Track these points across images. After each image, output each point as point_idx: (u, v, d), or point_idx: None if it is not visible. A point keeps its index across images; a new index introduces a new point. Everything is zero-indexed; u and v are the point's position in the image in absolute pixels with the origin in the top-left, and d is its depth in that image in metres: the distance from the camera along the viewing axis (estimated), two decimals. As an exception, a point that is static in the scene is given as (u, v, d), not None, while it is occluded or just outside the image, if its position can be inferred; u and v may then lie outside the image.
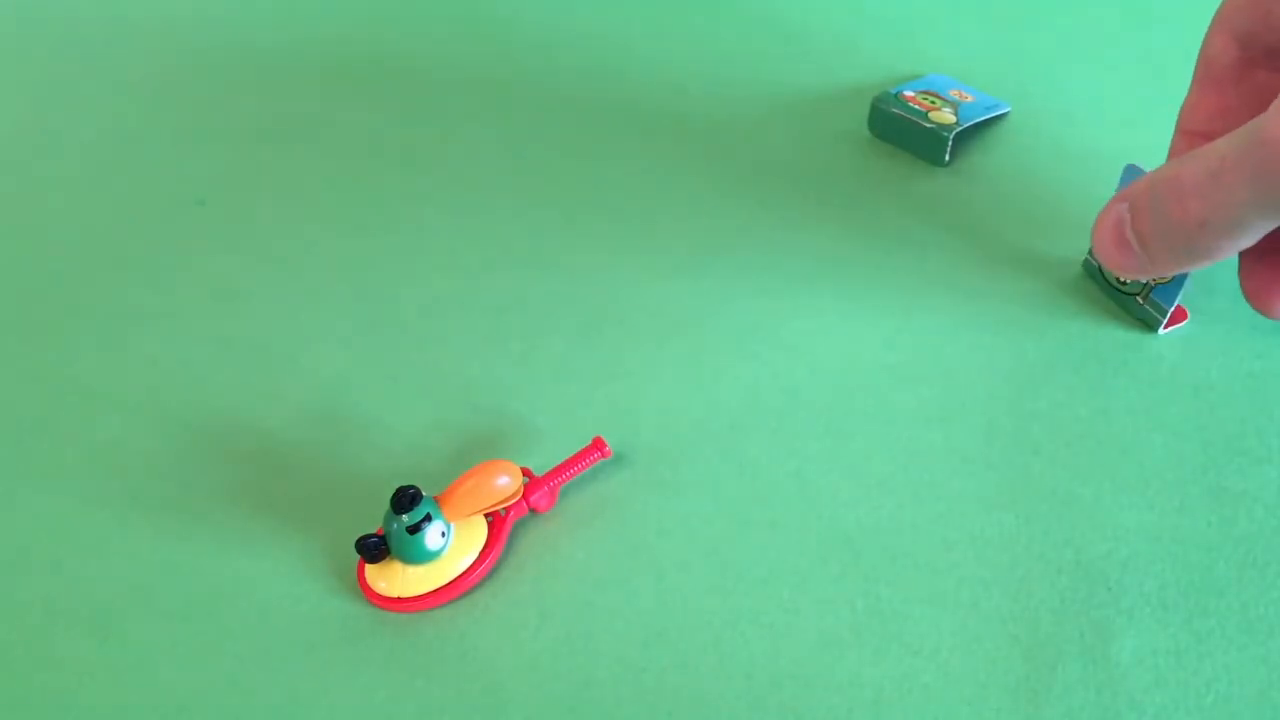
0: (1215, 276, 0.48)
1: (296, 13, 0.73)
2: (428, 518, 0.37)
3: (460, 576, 0.38)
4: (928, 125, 0.53)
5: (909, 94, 0.53)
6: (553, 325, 0.48)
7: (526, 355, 0.47)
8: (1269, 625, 0.36)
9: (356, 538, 0.37)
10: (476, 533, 0.39)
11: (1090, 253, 0.48)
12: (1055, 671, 0.35)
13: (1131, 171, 0.45)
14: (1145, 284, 0.45)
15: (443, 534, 0.37)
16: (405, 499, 0.36)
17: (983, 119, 0.50)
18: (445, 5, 0.73)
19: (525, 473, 0.41)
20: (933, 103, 0.51)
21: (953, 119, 0.52)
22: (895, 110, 0.54)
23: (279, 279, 0.52)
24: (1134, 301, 0.46)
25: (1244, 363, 0.45)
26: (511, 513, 0.39)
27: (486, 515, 0.39)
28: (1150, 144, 0.56)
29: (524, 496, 0.39)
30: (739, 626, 0.37)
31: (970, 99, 0.51)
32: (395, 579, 0.38)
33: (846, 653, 0.36)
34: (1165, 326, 0.45)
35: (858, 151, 0.57)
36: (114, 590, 0.39)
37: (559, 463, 0.41)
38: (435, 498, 0.38)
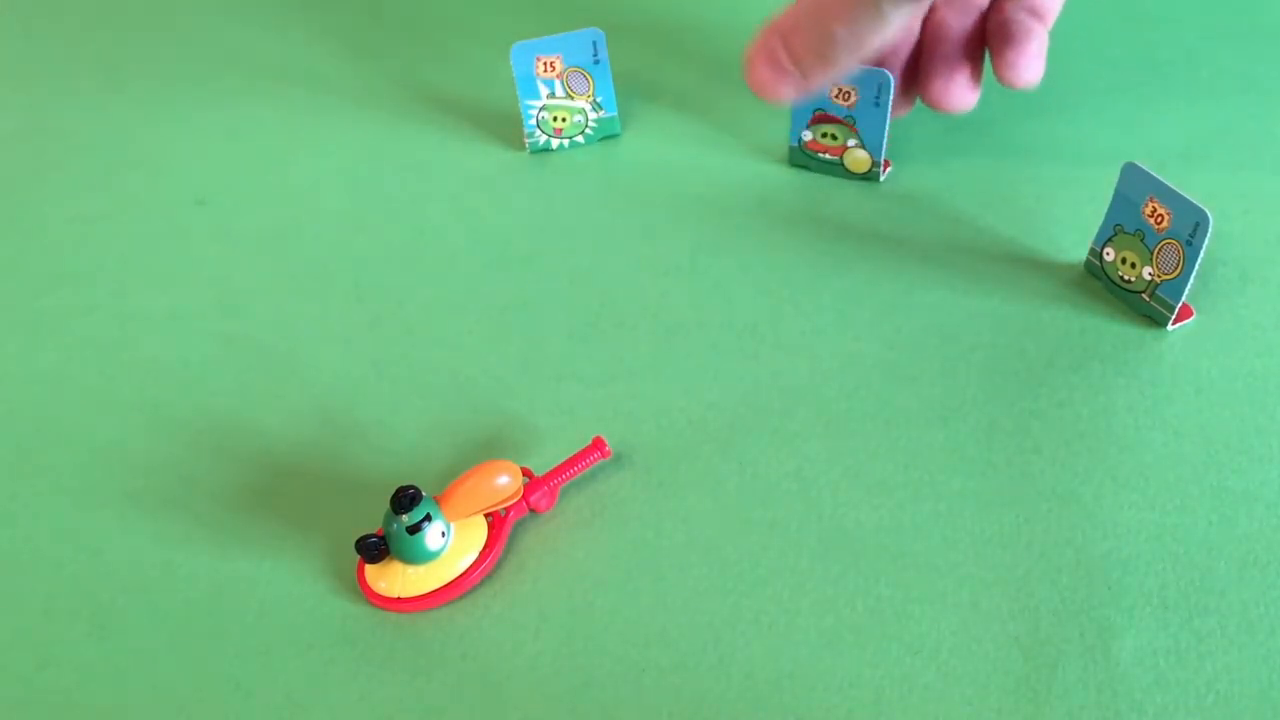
0: (1215, 276, 0.48)
1: (301, 11, 0.73)
2: (428, 518, 0.37)
3: (460, 576, 0.38)
4: (852, 175, 0.54)
5: (809, 139, 0.53)
6: (553, 325, 0.48)
7: (526, 355, 0.47)
8: (1270, 625, 0.36)
9: (356, 538, 0.37)
10: (476, 533, 0.39)
11: (1091, 252, 0.48)
12: (1055, 671, 0.35)
13: (1131, 170, 0.45)
14: (1150, 281, 0.45)
15: (443, 534, 0.37)
16: (405, 499, 0.36)
17: (888, 123, 0.50)
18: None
19: (525, 473, 0.41)
20: (834, 140, 0.52)
21: (866, 159, 0.52)
22: (814, 169, 0.55)
23: (279, 279, 0.52)
24: (1139, 299, 0.46)
25: (1245, 361, 0.45)
26: (511, 513, 0.40)
27: (486, 515, 0.39)
28: (1146, 142, 0.56)
29: (524, 496, 0.39)
30: (739, 626, 0.37)
31: (853, 92, 0.50)
32: (395, 579, 0.38)
33: (846, 653, 0.36)
34: (1173, 323, 0.46)
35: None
36: (114, 590, 0.39)
37: (559, 463, 0.41)
38: (435, 498, 0.38)
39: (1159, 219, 0.44)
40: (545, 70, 0.53)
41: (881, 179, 0.54)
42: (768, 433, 0.43)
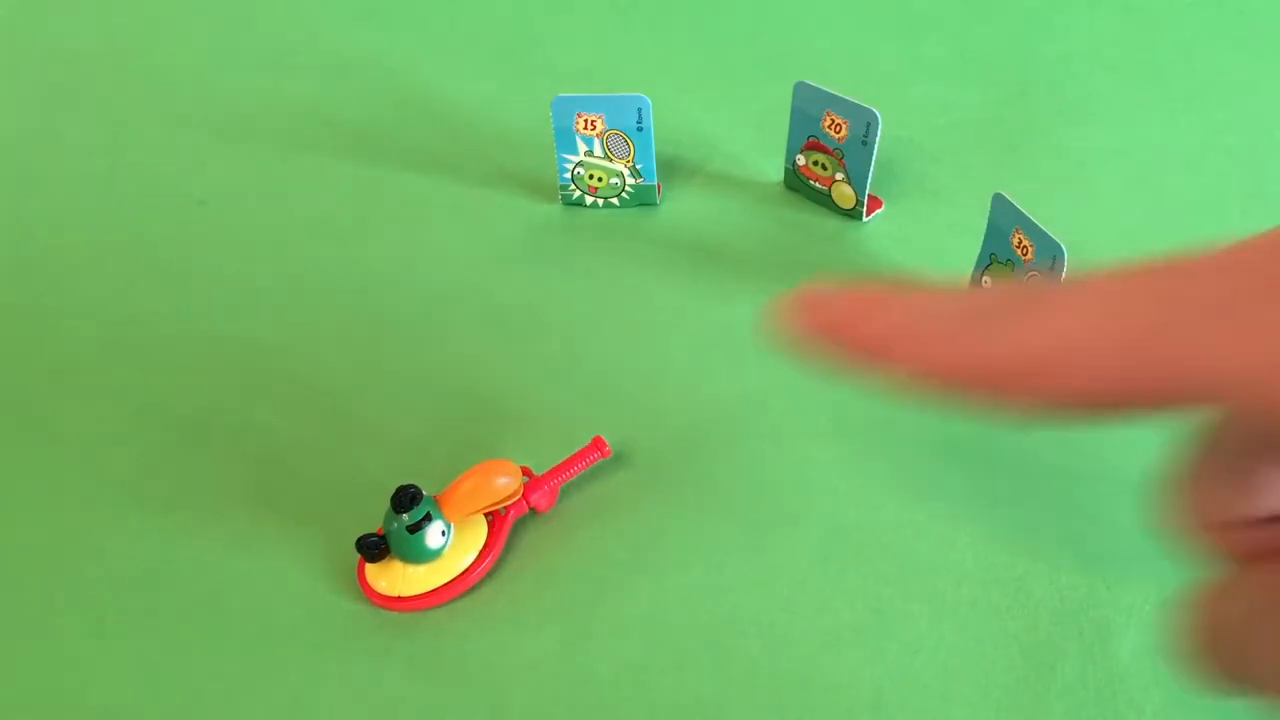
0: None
1: (295, 9, 0.73)
2: (428, 517, 0.37)
3: (460, 576, 0.38)
4: (839, 209, 0.53)
5: (802, 164, 0.53)
6: (553, 325, 0.48)
7: (526, 355, 0.47)
8: (1269, 625, 0.36)
9: (356, 537, 0.37)
10: (476, 532, 0.39)
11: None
12: (1055, 671, 0.35)
13: (999, 201, 0.45)
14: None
15: (443, 533, 0.37)
16: (405, 498, 0.36)
17: (872, 162, 0.50)
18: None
19: (525, 472, 0.41)
20: (824, 170, 0.52)
21: (851, 195, 0.52)
22: (805, 195, 0.54)
23: (279, 278, 0.52)
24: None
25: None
26: (511, 512, 0.40)
27: (486, 515, 0.39)
28: (1147, 142, 0.56)
29: (524, 496, 0.39)
30: (739, 626, 0.37)
31: (844, 125, 0.50)
32: (395, 578, 0.38)
33: (846, 653, 0.36)
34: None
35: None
36: (114, 590, 0.39)
37: (559, 462, 0.41)
38: (435, 497, 0.38)
39: (1024, 250, 0.44)
40: (585, 128, 0.52)
41: (866, 219, 0.53)
42: (768, 433, 0.43)
